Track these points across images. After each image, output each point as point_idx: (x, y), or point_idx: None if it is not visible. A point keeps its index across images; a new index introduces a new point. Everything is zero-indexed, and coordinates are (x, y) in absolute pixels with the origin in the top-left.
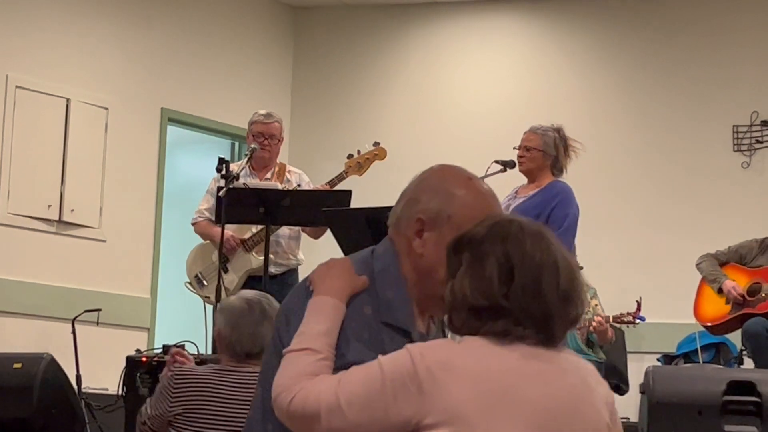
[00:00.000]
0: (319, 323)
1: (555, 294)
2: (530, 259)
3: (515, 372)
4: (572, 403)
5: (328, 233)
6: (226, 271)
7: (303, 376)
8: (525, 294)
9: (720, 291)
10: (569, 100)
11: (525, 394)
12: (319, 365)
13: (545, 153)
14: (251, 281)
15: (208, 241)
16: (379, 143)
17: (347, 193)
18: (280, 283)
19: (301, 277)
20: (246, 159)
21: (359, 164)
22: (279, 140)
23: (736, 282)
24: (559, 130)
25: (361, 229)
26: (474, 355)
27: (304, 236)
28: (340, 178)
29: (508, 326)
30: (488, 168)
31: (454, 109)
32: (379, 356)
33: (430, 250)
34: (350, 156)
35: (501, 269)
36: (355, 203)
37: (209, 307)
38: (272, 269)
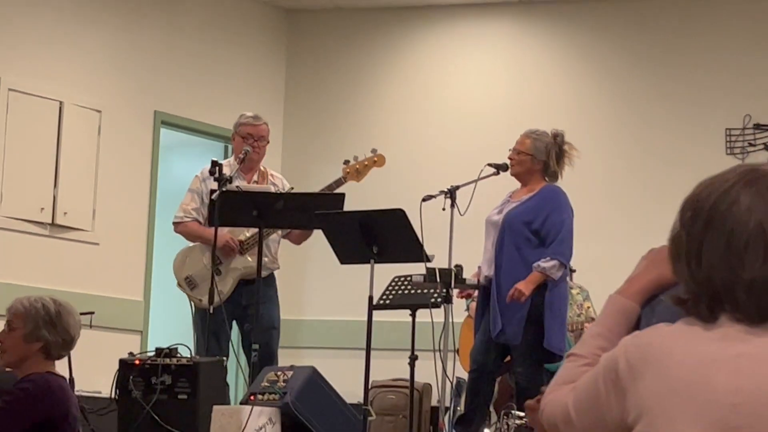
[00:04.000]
0: (597, 325)
1: (719, 254)
2: (701, 219)
3: (709, 358)
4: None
5: (310, 240)
6: (218, 273)
7: (560, 384)
8: (691, 262)
9: None
10: (563, 104)
11: (711, 385)
12: (579, 371)
13: (534, 157)
14: (240, 284)
15: (196, 244)
16: (376, 150)
17: (340, 196)
18: (264, 285)
19: (277, 279)
20: (240, 161)
21: (357, 170)
22: (267, 142)
23: None
24: (556, 136)
25: (354, 232)
26: (671, 340)
27: (283, 242)
28: (338, 183)
29: (690, 302)
30: (481, 171)
31: (448, 111)
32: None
33: None
34: (347, 162)
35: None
36: (347, 206)
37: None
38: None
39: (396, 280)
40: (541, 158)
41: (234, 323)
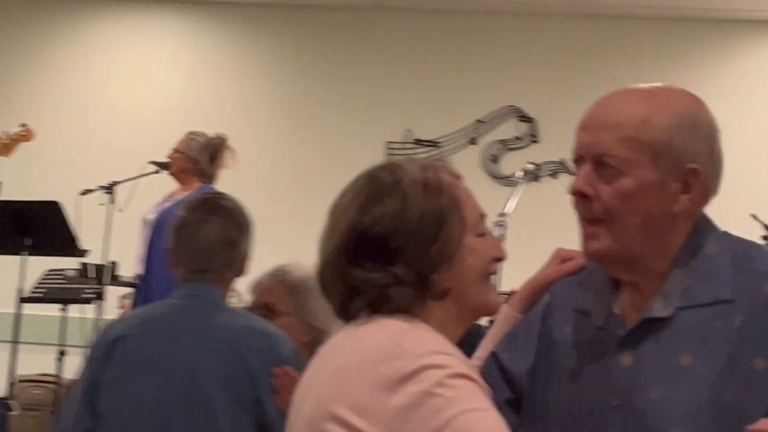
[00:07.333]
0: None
1: None
2: None
3: None
4: (312, 389)
5: None
6: None
7: None
8: None
9: None
10: (230, 105)
11: None
12: None
13: (186, 156)
14: None
15: None
16: (26, 125)
17: None
18: None
19: None
20: None
21: (6, 145)
22: None
23: None
24: (215, 138)
25: (6, 222)
26: None
27: None
28: None
29: None
30: (143, 168)
31: (113, 106)
32: None
33: None
34: None
35: None
36: (2, 196)
37: None
38: None
39: (49, 273)
40: (192, 156)
41: None
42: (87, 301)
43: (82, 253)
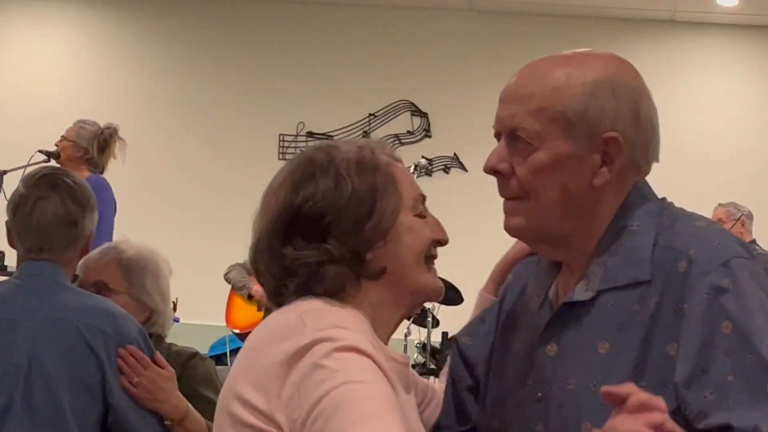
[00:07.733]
0: None
1: None
2: None
3: None
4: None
5: None
6: None
7: None
8: None
9: (250, 297)
10: (123, 95)
11: None
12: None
13: (75, 144)
14: None
15: None
16: None
17: None
18: None
19: None
20: None
21: None
22: None
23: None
24: (106, 129)
25: None
26: None
27: None
28: None
29: None
30: (32, 157)
31: (0, 95)
32: None
33: None
34: None
35: None
36: None
37: None
38: None
39: None
40: (82, 145)
41: None
42: None
43: None
